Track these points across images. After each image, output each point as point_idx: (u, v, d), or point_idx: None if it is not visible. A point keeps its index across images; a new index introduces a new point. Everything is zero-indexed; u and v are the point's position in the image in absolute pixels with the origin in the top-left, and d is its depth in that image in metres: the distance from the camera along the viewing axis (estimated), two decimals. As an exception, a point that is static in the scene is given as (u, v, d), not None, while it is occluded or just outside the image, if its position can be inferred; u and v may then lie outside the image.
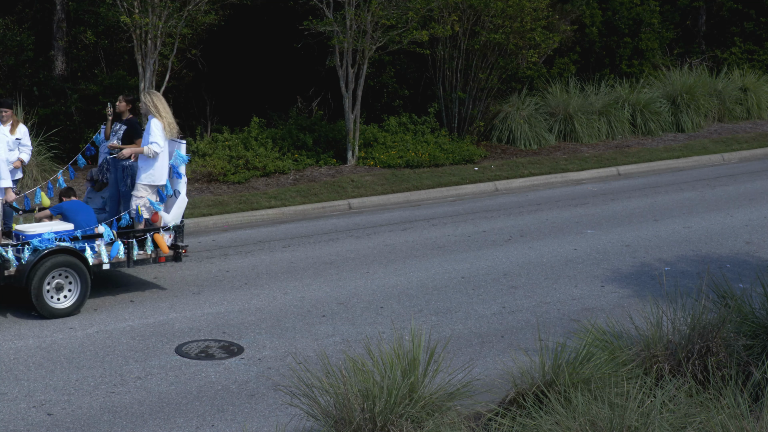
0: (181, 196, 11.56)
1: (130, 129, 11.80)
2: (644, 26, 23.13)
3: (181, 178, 11.54)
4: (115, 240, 10.93)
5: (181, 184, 11.56)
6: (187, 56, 18.99)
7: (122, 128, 11.82)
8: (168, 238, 11.41)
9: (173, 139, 11.42)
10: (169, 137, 11.33)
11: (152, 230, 11.25)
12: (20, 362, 9.24)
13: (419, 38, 17.79)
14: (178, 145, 11.49)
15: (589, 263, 12.62)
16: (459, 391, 7.22)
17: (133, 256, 11.10)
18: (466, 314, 10.68)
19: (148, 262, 11.32)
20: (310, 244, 13.75)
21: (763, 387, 7.25)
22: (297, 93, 20.04)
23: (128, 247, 11.05)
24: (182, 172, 11.54)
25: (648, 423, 6.53)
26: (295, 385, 7.27)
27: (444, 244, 13.64)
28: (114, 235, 10.97)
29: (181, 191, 11.55)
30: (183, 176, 11.56)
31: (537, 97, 20.99)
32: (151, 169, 11.24)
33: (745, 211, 15.39)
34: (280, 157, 17.68)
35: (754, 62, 25.37)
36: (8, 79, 18.10)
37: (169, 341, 9.85)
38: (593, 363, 7.44)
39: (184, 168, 11.58)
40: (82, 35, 19.57)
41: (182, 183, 11.57)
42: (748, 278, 10.41)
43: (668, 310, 8.16)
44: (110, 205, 11.87)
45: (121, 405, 8.34)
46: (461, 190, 17.44)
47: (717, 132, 22.39)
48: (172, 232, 11.49)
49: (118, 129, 11.86)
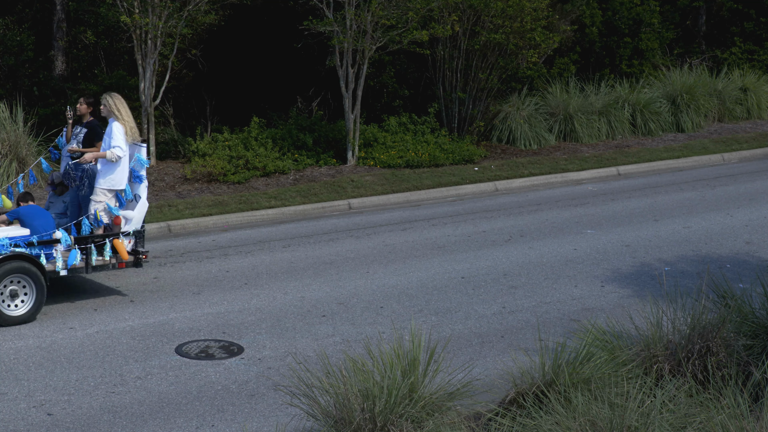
0: (141, 201, 11.32)
1: (90, 132, 11.54)
2: (644, 26, 23.12)
3: (142, 182, 11.32)
4: (72, 246, 10.65)
5: (142, 188, 11.34)
6: (187, 56, 18.99)
7: (83, 131, 11.57)
8: (128, 243, 11.17)
9: (134, 142, 11.22)
10: (130, 141, 11.14)
11: (112, 235, 10.99)
12: (20, 362, 9.25)
13: (419, 38, 17.79)
14: (138, 149, 11.27)
15: (589, 263, 12.62)
16: (459, 391, 7.22)
17: (92, 262, 10.81)
18: (466, 314, 10.68)
19: (107, 268, 11.06)
20: (310, 244, 13.75)
21: (763, 387, 7.25)
22: (297, 93, 20.04)
23: (86, 253, 10.78)
24: (143, 176, 11.32)
25: (648, 423, 6.53)
26: (295, 385, 7.28)
27: (444, 244, 13.64)
28: (72, 241, 10.71)
29: (141, 195, 11.32)
30: (144, 180, 11.34)
31: (537, 97, 21.00)
32: (111, 173, 11.04)
33: (745, 211, 15.39)
34: (280, 157, 17.68)
35: (754, 62, 25.36)
36: (8, 79, 18.10)
37: (169, 341, 9.85)
38: (593, 363, 7.44)
39: (144, 172, 11.35)
40: (82, 35, 19.57)
41: (143, 187, 11.35)
42: (748, 278, 10.41)
43: (668, 310, 8.16)
44: (71, 209, 11.62)
45: (121, 405, 8.34)
46: (461, 190, 17.45)
47: (717, 132, 22.39)
48: (132, 237, 11.23)
49: (78, 132, 11.61)
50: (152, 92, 17.23)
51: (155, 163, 17.51)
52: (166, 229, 14.77)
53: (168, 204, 15.62)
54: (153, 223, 14.73)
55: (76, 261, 10.66)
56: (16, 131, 16.31)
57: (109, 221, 11.08)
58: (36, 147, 16.46)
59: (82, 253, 10.77)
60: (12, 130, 16.29)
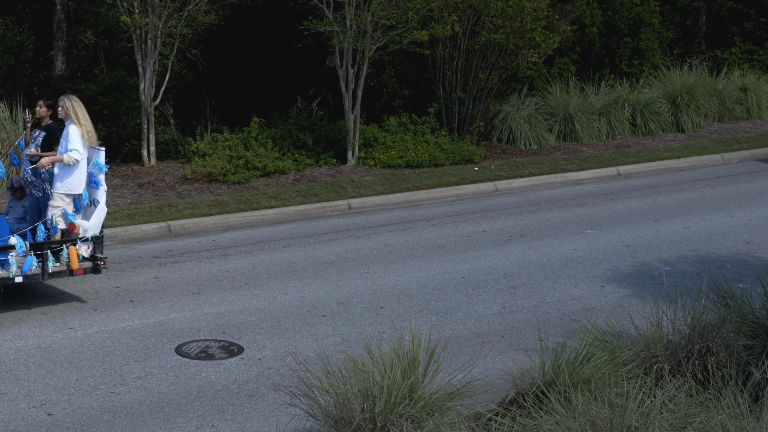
0: (100, 206, 11.10)
1: (49, 135, 11.30)
2: (644, 26, 23.12)
3: (100, 187, 11.09)
4: (27, 253, 10.44)
5: (101, 192, 11.11)
6: (187, 56, 18.99)
7: (41, 135, 11.33)
8: (86, 249, 10.96)
9: (92, 146, 11.02)
10: (88, 145, 10.94)
11: (69, 241, 10.77)
12: (20, 362, 9.25)
13: (419, 38, 17.79)
14: (96, 153, 11.05)
15: (589, 263, 12.62)
16: (459, 391, 7.22)
17: (48, 268, 10.57)
18: (466, 314, 10.68)
19: (64, 274, 10.83)
20: (310, 244, 13.75)
21: (763, 387, 7.25)
22: (297, 93, 20.05)
23: (43, 259, 10.56)
24: (101, 181, 11.09)
25: (648, 423, 6.54)
26: (295, 385, 7.28)
27: (444, 244, 13.64)
28: (27, 247, 10.49)
29: (100, 200, 11.10)
30: (102, 185, 11.11)
31: (537, 97, 21.00)
32: (68, 177, 10.87)
33: (745, 211, 15.39)
34: (280, 157, 17.68)
35: (754, 62, 25.36)
36: (8, 79, 18.10)
37: (169, 341, 9.85)
38: (593, 363, 7.44)
39: (103, 177, 11.13)
40: (82, 35, 19.57)
41: (101, 192, 11.12)
42: (748, 278, 10.41)
43: (668, 310, 8.16)
44: (31, 214, 11.44)
45: (121, 405, 8.34)
46: (461, 190, 17.44)
47: (717, 132, 22.39)
48: (90, 243, 11.02)
49: (37, 135, 11.38)
50: (152, 92, 17.23)
51: (155, 163, 17.52)
52: (166, 229, 14.77)
53: (168, 204, 15.62)
54: (153, 223, 14.74)
55: (32, 267, 10.45)
56: (16, 131, 16.31)
57: (65, 227, 10.86)
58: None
59: (38, 260, 10.53)
60: (12, 130, 16.30)
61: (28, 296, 11.20)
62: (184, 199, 15.95)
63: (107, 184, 11.44)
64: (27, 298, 11.11)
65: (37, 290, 11.45)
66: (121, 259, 12.98)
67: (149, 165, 17.41)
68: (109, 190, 16.26)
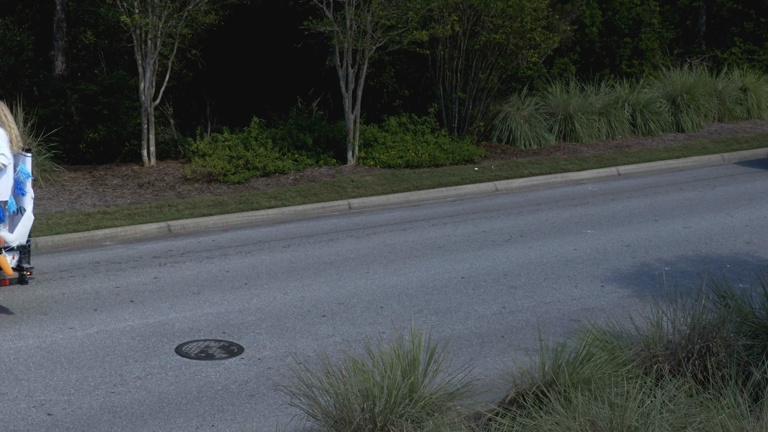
0: (26, 214, 10.69)
1: None
2: (644, 26, 23.12)
3: (26, 194, 10.71)
4: None
5: (27, 200, 10.71)
6: (187, 56, 19.00)
7: None
8: (11, 259, 10.61)
9: (19, 152, 10.65)
10: (15, 151, 10.57)
11: None
12: (20, 362, 9.25)
13: (419, 38, 17.79)
14: (23, 159, 10.69)
15: (589, 263, 12.62)
16: (459, 391, 7.22)
17: None
18: (466, 314, 10.68)
19: None
20: (310, 244, 13.75)
21: (763, 387, 7.25)
22: (297, 93, 20.05)
23: None
24: (27, 189, 10.72)
25: (648, 423, 6.53)
26: (295, 385, 7.28)
27: (444, 244, 13.64)
28: None
29: (26, 208, 10.71)
30: (29, 192, 10.74)
31: (537, 97, 21.00)
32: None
33: (745, 211, 15.39)
34: (280, 157, 17.68)
35: (754, 62, 25.36)
36: (8, 79, 18.10)
37: (169, 341, 9.85)
38: (593, 363, 7.44)
39: (29, 184, 10.75)
40: (82, 35, 19.57)
41: (28, 199, 10.72)
42: (748, 278, 10.41)
43: (668, 310, 8.16)
44: None
45: (121, 405, 8.34)
46: (461, 190, 17.44)
47: (717, 132, 22.39)
48: (16, 252, 10.68)
49: None
50: (152, 92, 17.23)
51: (155, 163, 17.52)
52: (166, 229, 14.77)
53: (168, 204, 15.62)
54: (153, 223, 14.74)
55: None
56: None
57: None
58: (36, 147, 16.46)
59: None
60: (12, 130, 16.29)
61: (28, 296, 11.20)
62: (184, 199, 15.96)
63: (108, 184, 11.36)
64: (27, 298, 11.10)
65: (37, 290, 11.45)
66: (121, 259, 12.99)
67: (149, 165, 17.41)
68: (109, 189, 16.31)
